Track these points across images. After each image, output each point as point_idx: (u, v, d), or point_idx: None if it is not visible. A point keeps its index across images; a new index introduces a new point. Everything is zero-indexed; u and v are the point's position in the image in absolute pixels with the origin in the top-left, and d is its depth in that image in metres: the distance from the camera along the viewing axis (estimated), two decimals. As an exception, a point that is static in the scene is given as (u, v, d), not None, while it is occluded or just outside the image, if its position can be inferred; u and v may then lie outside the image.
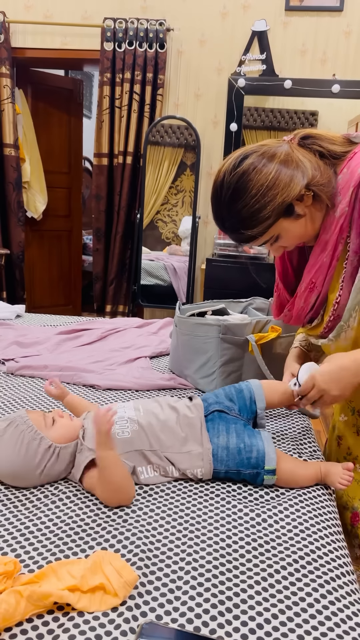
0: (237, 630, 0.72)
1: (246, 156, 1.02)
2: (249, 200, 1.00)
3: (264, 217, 1.01)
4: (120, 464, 0.98)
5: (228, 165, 1.04)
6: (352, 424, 1.31)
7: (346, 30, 3.48)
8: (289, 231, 1.06)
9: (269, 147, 1.03)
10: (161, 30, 3.53)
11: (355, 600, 0.79)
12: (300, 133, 1.07)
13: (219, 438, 1.07)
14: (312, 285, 1.12)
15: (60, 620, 0.71)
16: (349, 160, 1.05)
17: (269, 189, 0.99)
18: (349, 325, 1.09)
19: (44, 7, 3.68)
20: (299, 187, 1.00)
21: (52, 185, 4.37)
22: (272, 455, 1.05)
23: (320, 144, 1.06)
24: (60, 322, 2.39)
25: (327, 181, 1.03)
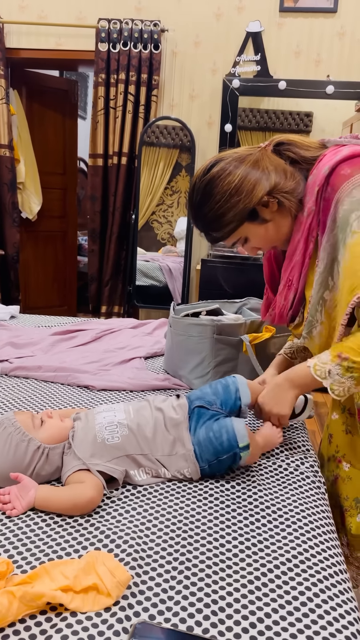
0: (230, 629, 0.72)
1: (216, 163, 1.09)
2: (213, 205, 1.07)
3: (227, 222, 1.08)
4: (56, 496, 0.94)
5: (200, 170, 1.11)
6: (341, 422, 1.33)
7: (340, 31, 3.49)
8: (256, 234, 1.13)
9: (239, 155, 1.09)
10: (156, 31, 3.54)
11: (348, 599, 0.79)
12: (276, 139, 1.14)
13: (194, 436, 1.08)
14: (290, 282, 1.18)
15: (53, 621, 0.71)
16: (318, 162, 1.11)
17: (231, 195, 1.05)
18: (317, 320, 1.13)
19: (38, 7, 3.68)
20: (261, 194, 1.06)
21: (47, 186, 4.37)
22: (242, 431, 1.06)
23: (293, 150, 1.12)
24: (55, 322, 2.38)
25: (292, 187, 1.09)
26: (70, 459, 1.01)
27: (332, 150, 1.12)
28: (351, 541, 1.24)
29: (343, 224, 1.03)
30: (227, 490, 1.06)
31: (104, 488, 0.98)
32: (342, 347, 1.04)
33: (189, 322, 1.60)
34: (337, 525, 1.27)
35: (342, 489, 1.28)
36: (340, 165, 1.06)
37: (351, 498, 1.24)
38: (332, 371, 1.04)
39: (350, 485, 1.26)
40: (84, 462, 0.99)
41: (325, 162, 1.08)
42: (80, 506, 0.93)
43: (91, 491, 0.95)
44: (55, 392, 1.54)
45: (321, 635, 0.71)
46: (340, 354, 1.03)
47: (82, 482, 0.97)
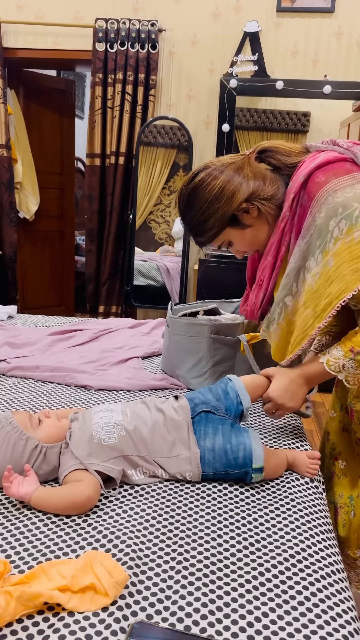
0: (228, 628, 0.72)
1: (198, 173, 1.14)
2: (196, 212, 1.14)
3: (209, 227, 1.15)
4: (53, 496, 0.94)
5: (185, 178, 1.17)
6: (338, 420, 1.34)
7: (337, 31, 3.50)
8: (239, 239, 1.19)
9: (222, 164, 1.14)
10: (153, 30, 3.54)
11: (345, 598, 0.80)
12: (259, 147, 1.18)
13: (205, 440, 1.06)
14: (261, 282, 1.24)
15: (51, 621, 0.71)
16: (298, 168, 1.14)
17: (211, 203, 1.11)
18: (275, 319, 1.20)
19: (35, 7, 3.67)
20: (239, 200, 1.11)
21: (44, 185, 4.36)
22: (260, 452, 1.05)
23: (276, 157, 1.16)
24: (53, 322, 2.38)
25: (271, 194, 1.14)
26: (67, 459, 1.01)
27: (311, 156, 1.15)
28: (341, 539, 1.25)
29: (321, 231, 1.06)
30: (224, 489, 1.06)
31: (101, 487, 0.98)
32: (354, 342, 1.09)
33: (186, 321, 1.60)
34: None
35: (337, 486, 1.29)
36: (315, 172, 1.09)
37: (346, 495, 1.25)
38: (347, 365, 1.09)
39: (345, 483, 1.27)
40: (82, 461, 0.99)
41: (302, 170, 1.12)
42: (77, 505, 0.93)
43: (88, 490, 0.95)
44: (53, 392, 1.54)
45: (318, 635, 0.72)
46: (353, 349, 1.08)
47: (79, 481, 0.96)
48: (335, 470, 1.32)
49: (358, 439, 1.23)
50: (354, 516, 1.23)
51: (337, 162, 1.09)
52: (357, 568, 1.24)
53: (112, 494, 1.01)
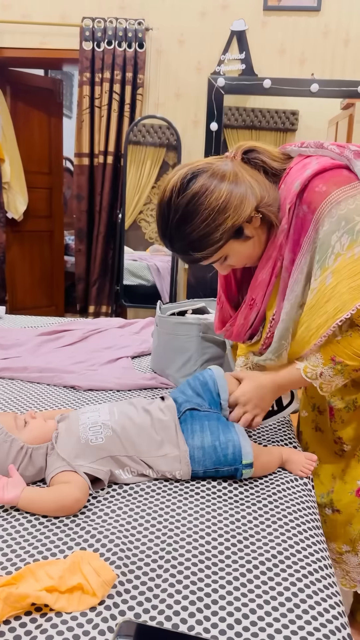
0: (215, 626, 0.72)
1: (194, 176, 0.99)
2: (199, 224, 0.98)
3: (214, 240, 1.00)
4: (40, 497, 0.94)
5: (174, 184, 1.00)
6: (311, 419, 1.35)
7: (324, 30, 3.51)
8: (237, 252, 1.06)
9: (217, 167, 1.00)
10: (140, 29, 3.53)
11: (333, 594, 0.80)
12: (243, 147, 1.07)
13: (193, 439, 1.06)
14: (252, 302, 1.14)
15: (38, 622, 0.71)
16: (285, 176, 1.07)
17: (219, 212, 0.97)
18: (288, 342, 1.11)
19: (21, 6, 3.65)
20: (250, 209, 0.99)
21: (32, 185, 4.34)
22: (249, 449, 1.06)
23: (263, 159, 1.06)
24: (42, 323, 2.37)
25: (273, 201, 1.03)
26: (54, 460, 1.01)
27: (299, 162, 1.07)
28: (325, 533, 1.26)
29: (323, 245, 1.00)
30: (213, 487, 1.06)
31: (89, 489, 0.98)
32: (335, 351, 1.04)
33: (175, 321, 1.61)
34: None
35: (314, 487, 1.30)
36: (313, 181, 1.01)
37: (317, 495, 1.26)
38: (325, 373, 1.06)
39: (318, 482, 1.28)
40: (69, 462, 0.99)
41: (295, 177, 1.04)
42: (66, 507, 0.93)
43: (77, 492, 0.94)
44: (41, 393, 1.53)
45: (305, 630, 0.72)
46: (334, 358, 1.04)
47: (67, 483, 0.96)
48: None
49: (338, 438, 1.24)
50: (334, 512, 1.24)
51: (334, 170, 1.02)
52: (342, 563, 1.25)
53: (100, 494, 1.01)
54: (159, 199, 1.03)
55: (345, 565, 1.25)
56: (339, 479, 1.25)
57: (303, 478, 1.14)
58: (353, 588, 1.25)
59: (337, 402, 1.21)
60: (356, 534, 1.21)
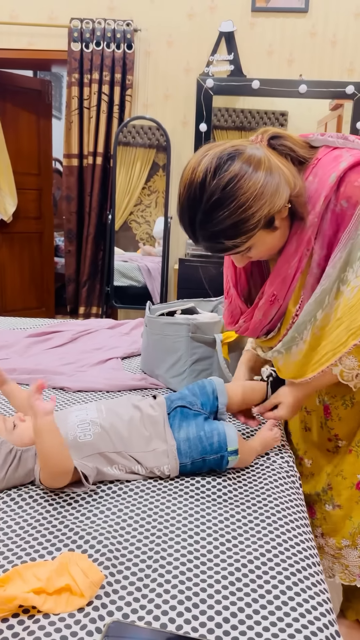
0: (204, 625, 0.72)
1: (231, 157, 0.92)
2: (236, 210, 0.91)
3: (248, 228, 0.94)
4: (55, 434, 0.95)
5: (208, 165, 0.93)
6: (299, 420, 1.35)
7: (312, 31, 3.53)
8: (264, 243, 1.01)
9: (252, 151, 0.94)
10: (128, 30, 3.53)
11: (321, 591, 0.80)
12: (268, 132, 1.00)
13: (179, 432, 1.09)
14: (274, 298, 1.09)
15: (26, 623, 0.70)
16: (314, 166, 1.02)
17: (256, 198, 0.91)
18: (302, 338, 1.09)
19: (9, 7, 3.64)
20: (284, 197, 0.94)
21: (22, 186, 4.32)
22: (233, 436, 1.08)
23: (289, 146, 1.01)
24: (31, 325, 2.36)
25: (303, 191, 0.99)
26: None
27: (327, 153, 1.03)
28: (325, 530, 1.26)
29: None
30: (202, 487, 1.06)
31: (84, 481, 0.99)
32: None
33: (164, 321, 1.61)
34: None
35: (307, 486, 1.30)
36: (350, 174, 0.97)
37: (313, 493, 1.27)
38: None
39: (313, 482, 1.29)
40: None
41: (327, 169, 0.99)
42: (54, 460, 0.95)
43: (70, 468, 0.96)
44: (31, 394, 1.52)
45: (293, 627, 0.72)
46: None
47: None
48: (302, 471, 1.33)
49: (335, 435, 1.25)
50: (334, 508, 1.24)
51: None
52: (341, 558, 1.25)
53: (88, 494, 1.01)
54: (187, 180, 0.95)
55: (344, 560, 1.24)
56: (335, 476, 1.25)
57: (291, 476, 1.14)
58: (353, 582, 1.25)
59: (333, 400, 1.22)
60: (356, 527, 1.21)
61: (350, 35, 3.52)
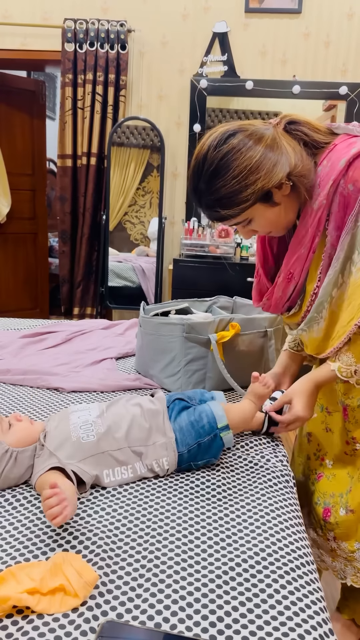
0: (198, 624, 0.72)
1: (233, 134, 1.00)
2: (229, 180, 0.99)
3: (242, 200, 1.01)
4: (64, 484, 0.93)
5: (213, 139, 1.01)
6: (320, 420, 1.34)
7: (305, 32, 3.54)
8: (263, 217, 1.07)
9: (257, 129, 1.01)
10: (122, 31, 3.53)
11: (314, 590, 0.81)
12: (287, 118, 1.07)
13: (175, 423, 1.11)
14: (290, 276, 1.15)
15: (20, 624, 0.70)
16: (330, 151, 1.06)
17: (251, 172, 0.98)
18: (322, 317, 1.13)
19: (2, 7, 3.63)
20: (281, 174, 1.00)
21: (15, 187, 4.31)
22: (220, 412, 1.11)
23: (305, 131, 1.07)
24: (25, 325, 2.36)
25: (307, 172, 1.04)
26: (44, 459, 1.00)
27: (344, 140, 1.07)
28: (337, 534, 1.25)
29: None
30: (196, 487, 1.07)
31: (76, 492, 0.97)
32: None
33: (158, 321, 1.61)
34: (320, 522, 1.28)
35: (327, 486, 1.28)
36: (359, 159, 1.02)
37: (337, 494, 1.25)
38: (358, 370, 1.09)
39: (335, 482, 1.27)
40: (59, 459, 0.98)
41: (340, 154, 1.04)
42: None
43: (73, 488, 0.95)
44: (24, 395, 1.52)
45: (287, 626, 0.73)
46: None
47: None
48: (323, 471, 1.32)
49: (352, 438, 1.23)
50: (347, 512, 1.23)
51: None
52: (353, 561, 1.24)
53: (83, 495, 1.01)
54: (196, 152, 1.04)
55: (357, 563, 1.24)
56: (357, 480, 1.24)
57: (284, 476, 1.14)
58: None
59: (351, 402, 1.21)
60: None
61: (343, 36, 3.53)
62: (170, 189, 3.86)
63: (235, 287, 3.36)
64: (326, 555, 1.31)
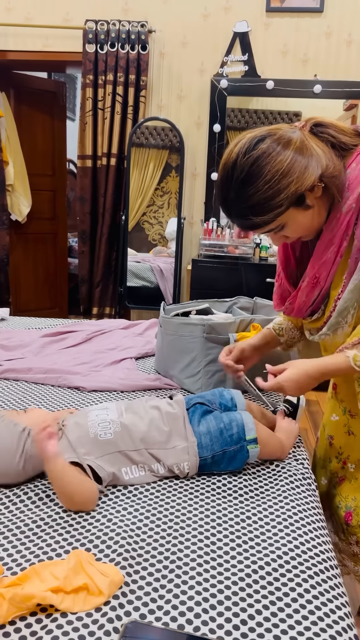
0: (221, 626, 0.72)
1: (262, 139, 0.98)
2: (262, 186, 0.97)
3: (275, 205, 0.98)
4: (70, 472, 0.95)
5: (242, 146, 1.00)
6: (343, 423, 1.32)
7: (326, 31, 3.51)
8: (296, 221, 1.05)
9: (284, 132, 1.00)
10: (143, 32, 3.54)
11: (339, 594, 0.80)
12: (312, 120, 1.05)
13: (199, 427, 1.09)
14: (315, 280, 1.12)
15: (44, 622, 0.70)
16: (358, 154, 1.05)
17: (283, 176, 0.96)
18: (347, 322, 1.11)
19: (24, 9, 3.67)
20: (314, 176, 0.98)
21: (36, 187, 4.35)
22: (251, 425, 1.09)
23: (332, 133, 1.05)
24: (45, 324, 2.37)
25: (338, 173, 1.02)
26: (64, 447, 1.01)
27: None
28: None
29: None
30: (218, 488, 1.06)
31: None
32: None
33: (179, 321, 1.60)
34: (342, 526, 1.27)
35: (349, 489, 1.26)
36: None
37: (359, 498, 1.23)
38: None
39: (357, 486, 1.25)
40: (78, 456, 0.99)
41: None
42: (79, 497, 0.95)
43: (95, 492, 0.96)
44: (46, 393, 1.53)
45: (312, 631, 0.72)
46: None
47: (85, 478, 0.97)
48: (345, 475, 1.30)
49: None
50: None
51: None
52: None
53: (105, 494, 1.01)
54: (224, 160, 1.02)
55: None
56: None
57: (307, 479, 1.13)
58: None
59: None
60: None
61: (365, 34, 3.50)
62: (190, 189, 3.86)
63: (254, 287, 3.34)
64: (348, 559, 1.29)
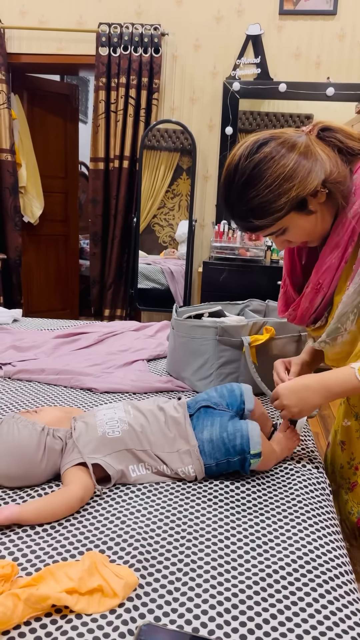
0: (236, 630, 0.71)
1: (265, 142, 0.98)
2: (262, 190, 0.96)
3: (276, 209, 0.98)
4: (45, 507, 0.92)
5: (244, 149, 0.99)
6: (355, 429, 1.30)
7: (340, 33, 3.50)
8: (298, 226, 1.04)
9: (289, 137, 0.99)
10: (156, 35, 3.55)
11: (354, 600, 0.79)
12: (320, 124, 1.04)
13: (203, 433, 1.08)
14: (319, 286, 1.10)
15: (59, 623, 0.71)
16: None
17: (285, 180, 0.95)
18: (346, 329, 1.09)
19: (38, 12, 3.69)
20: (316, 182, 0.96)
21: (48, 189, 4.38)
22: (257, 438, 1.06)
23: (339, 138, 1.03)
24: (57, 326, 2.38)
25: (343, 179, 1.00)
26: (70, 452, 1.03)
27: None
28: None
29: None
30: (231, 491, 1.06)
31: (94, 486, 0.99)
32: None
33: (191, 324, 1.60)
34: (355, 532, 1.26)
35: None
36: None
37: None
38: None
39: None
40: (83, 455, 1.00)
41: None
42: (73, 508, 0.95)
43: (80, 491, 0.96)
44: (58, 394, 1.54)
45: (327, 636, 0.71)
46: None
47: (68, 485, 0.97)
48: (357, 481, 1.29)
49: None
50: None
51: None
52: None
53: (119, 496, 1.01)
54: (227, 163, 1.02)
55: None
56: None
57: (321, 483, 1.13)
58: None
59: None
60: None
61: (379, 37, 3.48)
62: (201, 192, 3.86)
63: (265, 290, 3.34)
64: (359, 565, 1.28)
